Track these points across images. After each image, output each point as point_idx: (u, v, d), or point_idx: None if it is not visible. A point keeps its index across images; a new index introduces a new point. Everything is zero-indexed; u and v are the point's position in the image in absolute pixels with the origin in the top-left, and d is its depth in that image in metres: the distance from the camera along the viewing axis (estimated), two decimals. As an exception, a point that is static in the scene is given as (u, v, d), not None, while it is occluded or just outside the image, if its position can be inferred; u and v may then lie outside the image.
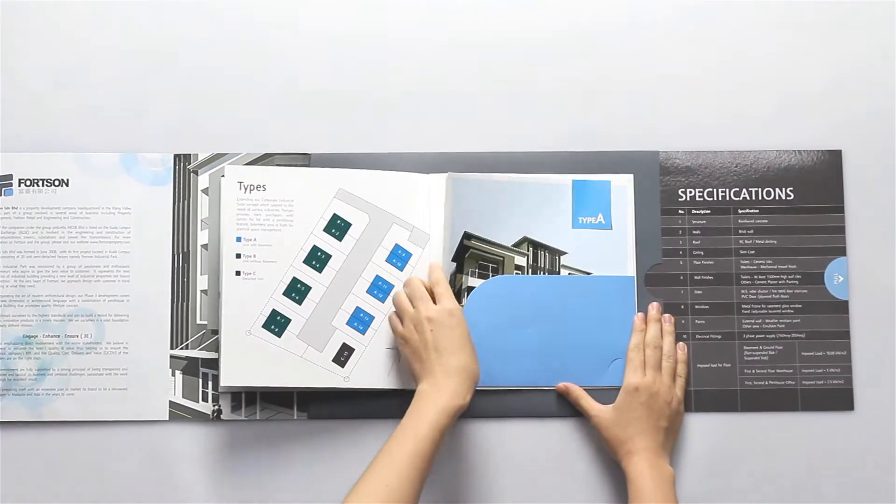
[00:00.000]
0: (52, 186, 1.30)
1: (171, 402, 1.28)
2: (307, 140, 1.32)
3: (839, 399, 1.29)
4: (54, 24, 1.33)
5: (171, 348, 1.29)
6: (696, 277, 1.31)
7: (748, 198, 1.33)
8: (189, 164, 1.32)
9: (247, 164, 1.31)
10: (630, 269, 1.31)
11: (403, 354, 1.24)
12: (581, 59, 1.34)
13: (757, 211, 1.32)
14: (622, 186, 1.32)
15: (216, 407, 1.29)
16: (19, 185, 1.30)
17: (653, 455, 1.22)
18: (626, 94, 1.34)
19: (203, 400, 1.29)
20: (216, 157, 1.32)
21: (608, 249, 1.31)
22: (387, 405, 1.28)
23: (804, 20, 1.35)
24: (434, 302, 1.23)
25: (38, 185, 1.30)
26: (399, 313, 1.25)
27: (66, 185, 1.31)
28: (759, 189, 1.33)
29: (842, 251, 1.31)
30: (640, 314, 1.29)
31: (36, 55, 1.33)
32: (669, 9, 1.35)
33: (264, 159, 1.31)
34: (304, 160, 1.31)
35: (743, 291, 1.31)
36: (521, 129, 1.33)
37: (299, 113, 1.33)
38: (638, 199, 1.32)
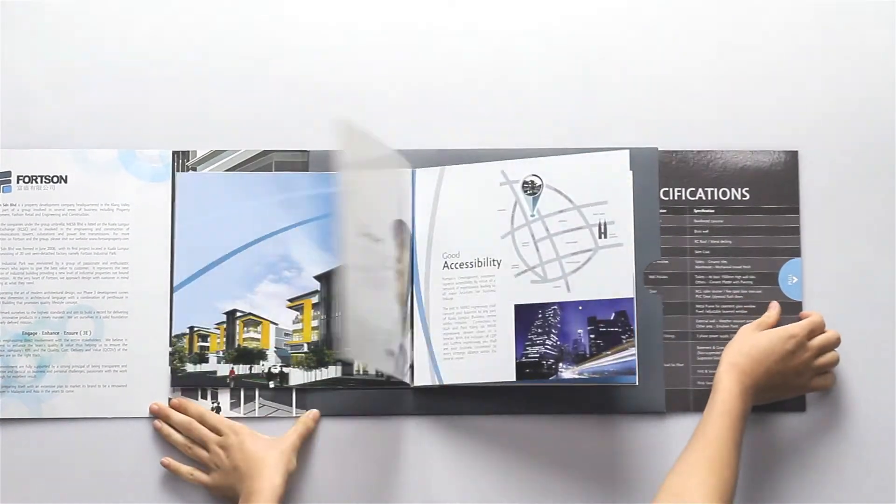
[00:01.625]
0: (51, 183, 1.30)
1: (170, 399, 1.28)
2: (306, 137, 1.32)
3: (791, 400, 1.28)
4: (53, 22, 1.33)
5: (170, 346, 1.29)
6: (650, 277, 1.31)
7: (704, 197, 1.31)
8: (188, 160, 1.32)
9: (246, 161, 1.31)
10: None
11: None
12: (577, 57, 1.34)
13: (712, 211, 1.31)
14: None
15: (215, 404, 1.29)
16: (18, 182, 1.30)
17: (745, 384, 1.19)
18: (618, 92, 1.33)
19: (202, 397, 1.29)
20: (214, 154, 1.32)
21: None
22: (386, 403, 1.28)
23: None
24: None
25: (36, 182, 1.30)
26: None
27: (65, 181, 1.30)
28: (715, 189, 1.31)
29: (797, 252, 1.30)
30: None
31: (34, 52, 1.32)
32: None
33: (263, 156, 1.31)
34: (304, 157, 1.31)
35: (697, 291, 1.30)
36: (519, 127, 1.33)
37: (298, 110, 1.33)
38: (636, 197, 1.31)
